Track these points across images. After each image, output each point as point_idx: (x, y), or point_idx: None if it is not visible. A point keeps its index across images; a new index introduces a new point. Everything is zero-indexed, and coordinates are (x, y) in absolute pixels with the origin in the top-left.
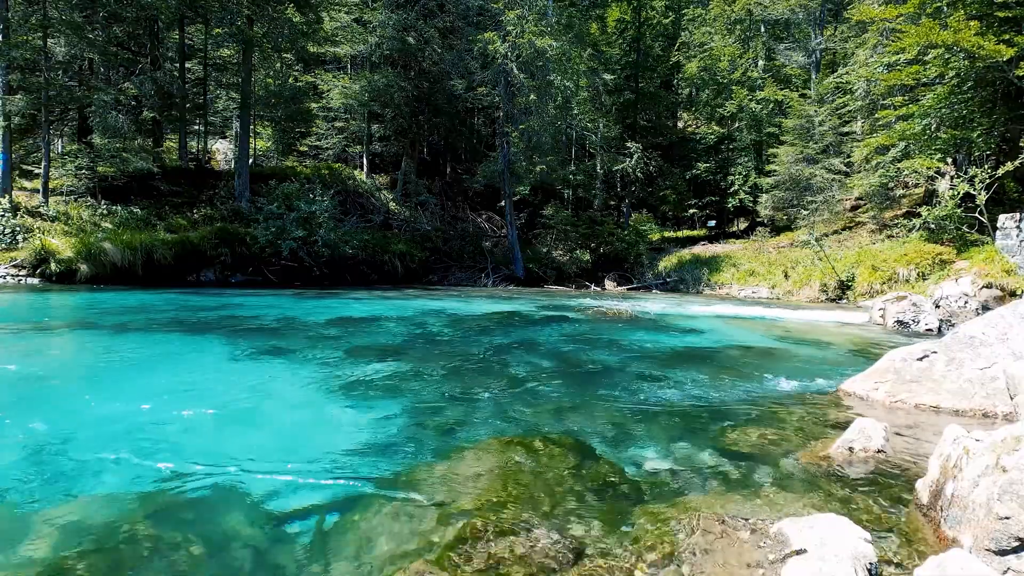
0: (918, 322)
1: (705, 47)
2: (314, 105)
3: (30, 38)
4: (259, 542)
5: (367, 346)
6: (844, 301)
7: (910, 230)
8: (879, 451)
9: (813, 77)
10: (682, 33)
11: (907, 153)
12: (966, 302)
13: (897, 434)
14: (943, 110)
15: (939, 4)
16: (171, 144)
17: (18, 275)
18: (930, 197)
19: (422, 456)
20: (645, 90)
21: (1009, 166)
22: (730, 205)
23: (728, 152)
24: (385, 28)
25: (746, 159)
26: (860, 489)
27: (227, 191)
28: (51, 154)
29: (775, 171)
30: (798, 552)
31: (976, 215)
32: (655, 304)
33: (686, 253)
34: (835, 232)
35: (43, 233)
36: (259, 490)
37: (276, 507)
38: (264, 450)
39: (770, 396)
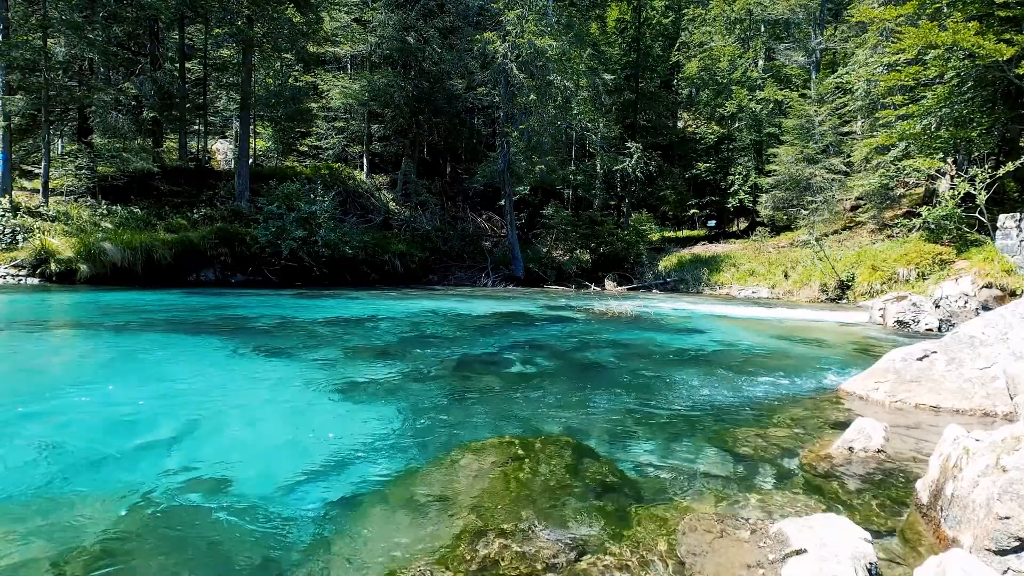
0: (918, 322)
1: (705, 47)
2: (314, 105)
3: (30, 38)
4: (258, 542)
5: (367, 346)
6: (844, 301)
7: (910, 230)
8: (879, 451)
9: (813, 77)
10: (682, 33)
11: (907, 153)
12: (966, 302)
13: (897, 434)
14: (943, 110)
15: (939, 4)
16: (171, 144)
17: (18, 275)
18: (930, 197)
19: (422, 456)
20: (645, 90)
21: (1010, 166)
22: (730, 205)
23: (728, 152)
24: (385, 28)
25: (746, 159)
26: (860, 489)
27: (227, 191)
28: (51, 154)
29: (775, 171)
30: (798, 552)
31: (976, 215)
32: (655, 304)
33: (686, 253)
34: (835, 232)
35: (43, 233)
36: (259, 490)
37: (275, 507)
38: (264, 450)
39: (770, 396)
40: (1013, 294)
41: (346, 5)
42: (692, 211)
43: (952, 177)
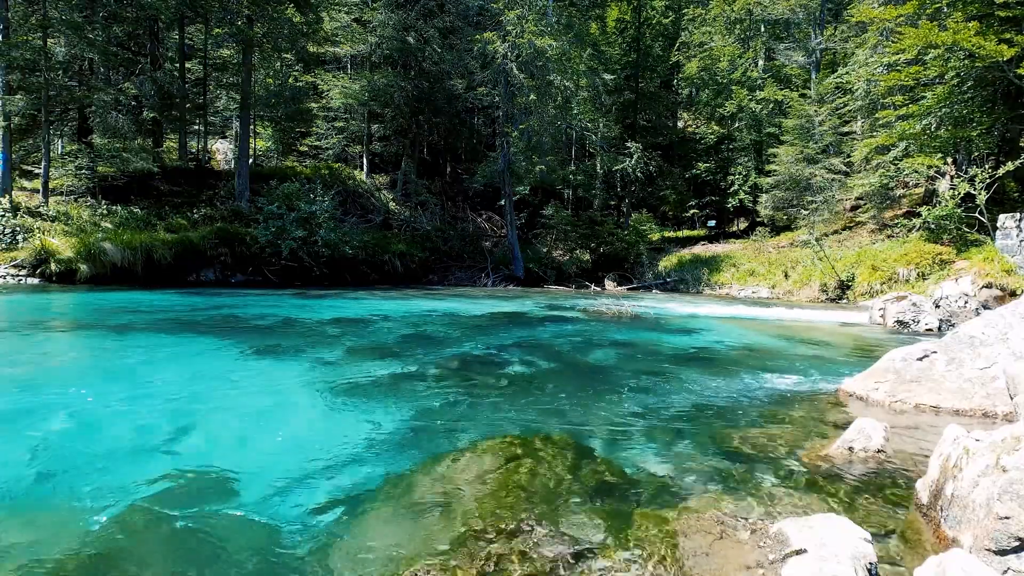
0: (918, 322)
1: (705, 47)
2: (314, 105)
3: (30, 38)
4: (259, 542)
5: (367, 346)
6: (844, 301)
7: (910, 230)
8: (879, 451)
9: (813, 77)
10: (682, 33)
11: (907, 153)
12: (966, 302)
13: (897, 434)
14: (943, 110)
15: (939, 4)
16: (171, 144)
17: (18, 275)
18: (930, 197)
19: (422, 456)
20: (645, 90)
21: (1009, 166)
22: (730, 205)
23: (728, 152)
24: (385, 28)
25: (746, 159)
26: (860, 489)
27: (227, 191)
28: (51, 154)
29: (775, 171)
30: (798, 552)
31: (976, 215)
32: (655, 304)
33: (686, 253)
34: (835, 232)
35: (43, 233)
36: (259, 490)
37: (276, 507)
38: (264, 450)
39: (770, 396)
40: (1013, 294)
41: (346, 5)
42: (692, 211)
43: (952, 177)
